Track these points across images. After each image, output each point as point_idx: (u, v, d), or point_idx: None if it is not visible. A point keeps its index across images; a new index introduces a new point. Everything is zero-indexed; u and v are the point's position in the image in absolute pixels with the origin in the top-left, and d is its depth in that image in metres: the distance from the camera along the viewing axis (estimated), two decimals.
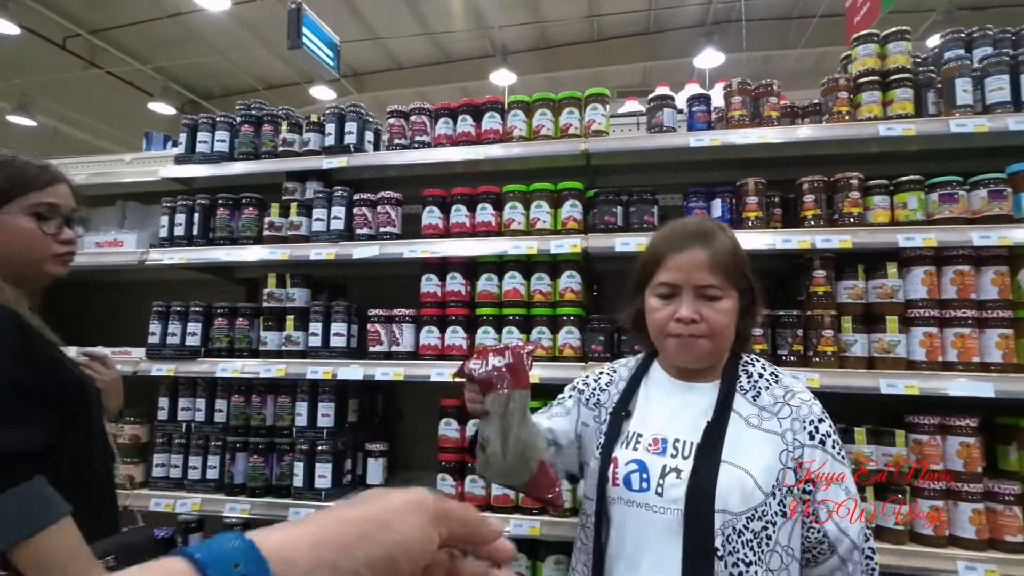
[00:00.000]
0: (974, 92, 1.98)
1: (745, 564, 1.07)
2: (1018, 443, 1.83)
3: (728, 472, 1.10)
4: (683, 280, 1.19)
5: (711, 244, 1.20)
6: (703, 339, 1.18)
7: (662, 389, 1.29)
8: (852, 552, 1.12)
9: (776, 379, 1.25)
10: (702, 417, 1.18)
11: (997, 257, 1.86)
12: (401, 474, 2.50)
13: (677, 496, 1.12)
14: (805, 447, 1.15)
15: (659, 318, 1.22)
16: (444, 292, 2.20)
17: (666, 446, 1.18)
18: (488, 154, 2.22)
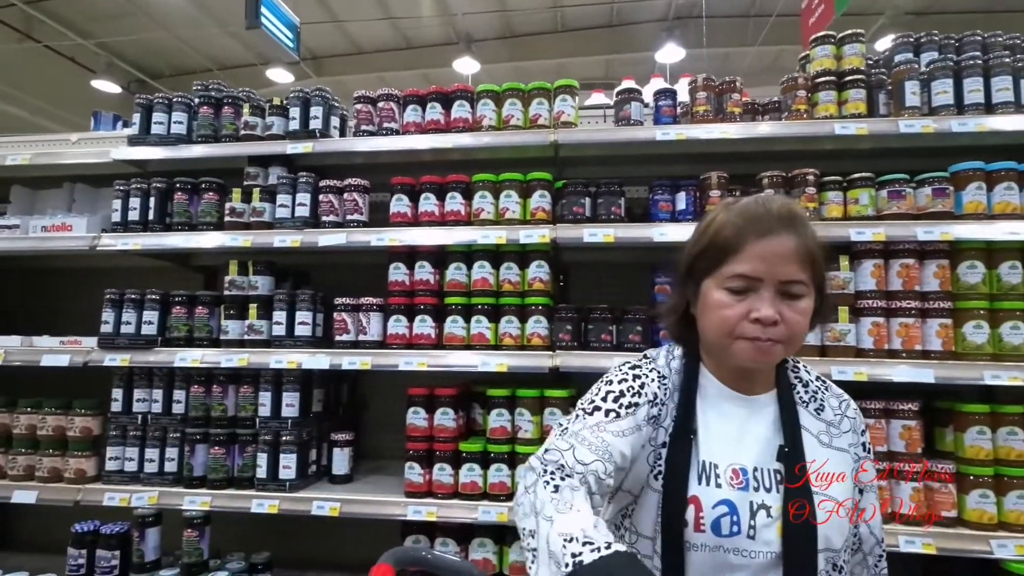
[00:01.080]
0: (921, 94, 2.09)
1: None
2: (954, 425, 1.96)
3: (824, 506, 0.99)
4: (766, 272, 0.98)
5: (803, 231, 1.00)
6: (779, 344, 0.99)
7: (722, 404, 1.09)
8: (874, 547, 1.11)
9: (827, 387, 1.14)
10: (771, 437, 1.05)
11: (939, 251, 1.97)
12: (367, 463, 2.48)
13: (771, 538, 0.98)
14: (862, 460, 1.09)
15: (729, 316, 1.00)
16: (412, 281, 2.19)
17: (747, 478, 1.01)
18: (458, 143, 2.21)
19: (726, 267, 1.01)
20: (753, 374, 1.07)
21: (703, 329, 1.07)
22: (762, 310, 0.97)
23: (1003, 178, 1.96)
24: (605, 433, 1.02)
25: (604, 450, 0.99)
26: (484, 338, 2.11)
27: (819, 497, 0.99)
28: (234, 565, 2.18)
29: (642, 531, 1.06)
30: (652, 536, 1.04)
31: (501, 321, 2.12)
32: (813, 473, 1.00)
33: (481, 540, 2.07)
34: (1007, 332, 1.91)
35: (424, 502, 2.04)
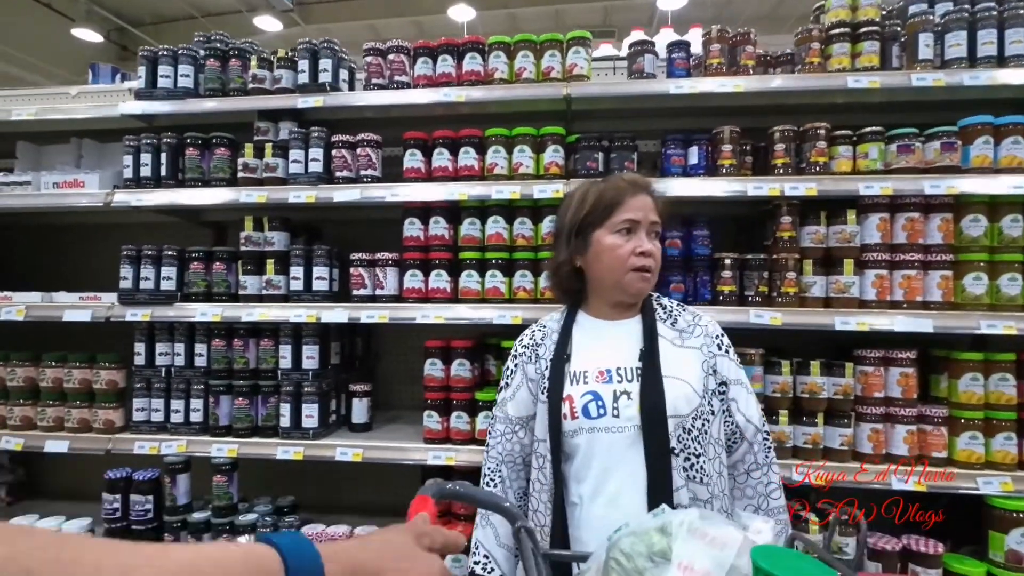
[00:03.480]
0: (935, 47, 2.09)
1: (695, 456, 1.29)
2: (948, 372, 2.05)
3: (671, 383, 1.30)
4: (643, 217, 1.37)
5: (653, 193, 1.43)
6: (651, 274, 1.37)
7: (593, 330, 1.44)
8: (756, 435, 1.39)
9: (684, 309, 1.48)
10: (635, 346, 1.36)
11: (944, 205, 2.02)
12: (383, 413, 2.58)
13: (632, 414, 1.29)
14: (717, 357, 1.39)
15: (622, 253, 1.36)
16: (427, 236, 2.23)
17: (611, 375, 1.34)
18: (470, 96, 2.20)
19: (614, 217, 1.37)
20: (628, 304, 1.42)
21: (598, 271, 1.41)
22: (644, 244, 1.35)
23: (1010, 132, 1.99)
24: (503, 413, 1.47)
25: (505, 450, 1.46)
26: (499, 292, 2.16)
27: (669, 379, 1.29)
28: (262, 508, 2.29)
29: (539, 436, 1.39)
30: (544, 437, 1.36)
31: (515, 275, 2.17)
32: (665, 363, 1.32)
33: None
34: (1005, 283, 1.98)
35: (443, 447, 2.13)
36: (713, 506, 1.29)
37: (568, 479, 1.35)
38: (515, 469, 1.48)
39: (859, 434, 2.04)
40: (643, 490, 1.25)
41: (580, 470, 1.33)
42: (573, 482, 1.34)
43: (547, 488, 1.38)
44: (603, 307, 1.46)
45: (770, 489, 1.39)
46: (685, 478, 1.27)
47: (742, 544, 0.63)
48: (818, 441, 2.05)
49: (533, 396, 1.44)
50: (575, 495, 1.33)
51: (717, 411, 1.36)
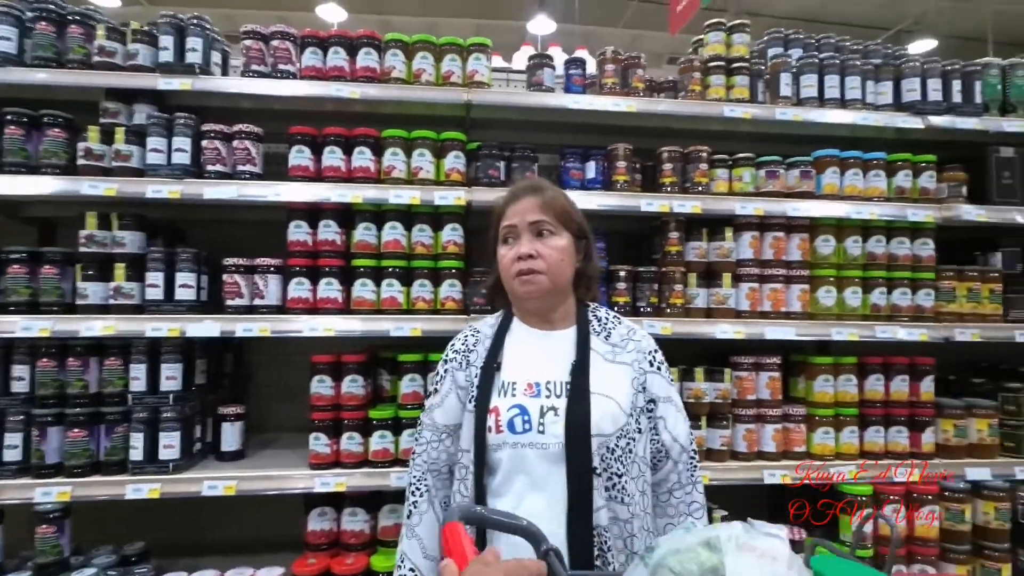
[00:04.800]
0: (793, 86, 2.36)
1: (617, 476, 1.26)
2: (805, 375, 2.30)
3: (598, 401, 1.26)
4: (520, 221, 1.35)
5: (541, 192, 1.38)
6: (541, 275, 1.32)
7: (525, 340, 1.40)
8: (681, 454, 1.38)
9: (619, 321, 1.45)
10: (566, 359, 1.33)
11: (802, 226, 2.28)
12: (259, 437, 2.30)
13: (558, 431, 1.24)
14: (648, 374, 1.37)
15: (505, 261, 1.36)
16: (316, 241, 2.04)
17: (540, 389, 1.30)
18: (365, 94, 2.06)
19: (500, 229, 1.39)
20: (548, 313, 1.40)
21: (503, 283, 1.40)
22: (522, 247, 1.33)
23: (852, 165, 2.30)
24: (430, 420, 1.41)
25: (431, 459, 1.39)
26: (396, 302, 2.03)
27: (596, 396, 1.27)
28: (103, 559, 1.91)
29: (463, 446, 1.34)
30: (469, 448, 1.31)
31: (414, 285, 2.06)
32: (594, 379, 1.29)
33: (392, 506, 2.03)
34: (848, 296, 2.27)
35: (332, 472, 1.94)
36: (633, 525, 1.27)
37: (488, 493, 1.29)
38: (440, 478, 1.41)
39: (736, 434, 2.21)
40: (563, 509, 1.22)
41: (501, 485, 1.28)
42: (493, 497, 1.29)
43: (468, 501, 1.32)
44: (527, 317, 1.43)
45: (692, 508, 1.39)
46: (606, 498, 1.24)
47: (790, 556, 0.63)
48: (702, 443, 2.18)
49: (462, 404, 1.38)
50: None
51: (644, 429, 1.33)
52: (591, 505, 1.21)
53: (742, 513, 2.25)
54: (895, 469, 2.17)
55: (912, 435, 2.25)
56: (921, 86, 2.35)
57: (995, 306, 2.31)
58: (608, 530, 1.23)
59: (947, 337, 2.23)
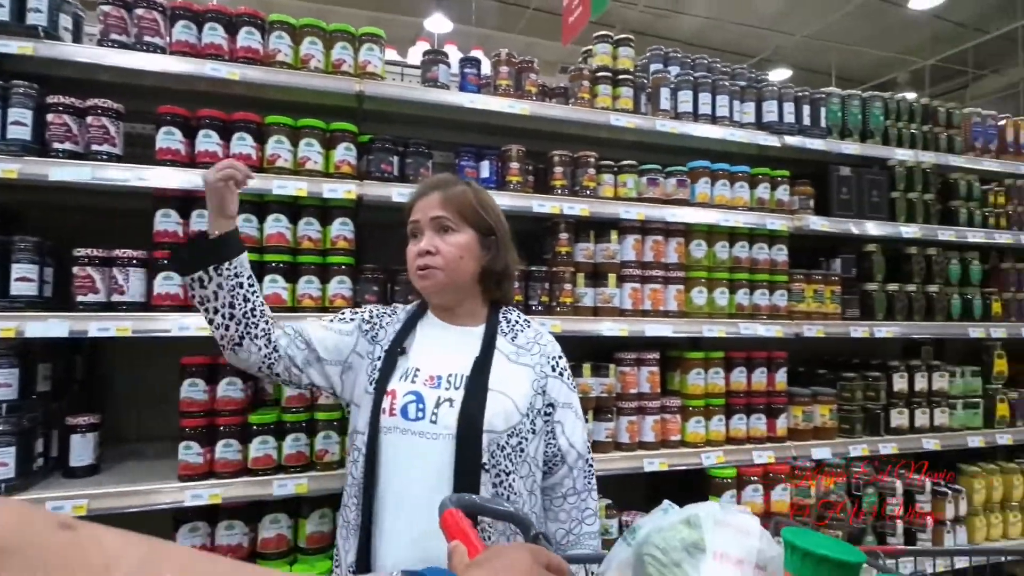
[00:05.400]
0: (671, 100, 2.54)
1: (505, 473, 1.28)
2: (680, 369, 2.49)
3: (494, 398, 1.29)
4: (422, 216, 1.37)
5: (446, 188, 1.40)
6: (437, 270, 1.33)
7: (435, 331, 1.42)
8: (577, 461, 1.40)
9: (528, 324, 1.48)
10: (471, 355, 1.35)
11: (679, 231, 2.45)
12: (117, 450, 2.06)
13: (450, 423, 1.26)
14: (549, 378, 1.40)
15: (409, 256, 1.39)
16: (189, 232, 1.87)
17: (440, 381, 1.32)
18: (246, 76, 1.93)
19: (408, 224, 1.41)
20: (453, 308, 1.42)
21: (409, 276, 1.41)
22: (421, 244, 1.35)
23: (720, 176, 2.52)
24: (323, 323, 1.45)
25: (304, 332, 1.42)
26: (280, 299, 1.92)
27: (494, 393, 1.29)
28: None
29: (359, 428, 1.35)
30: (364, 430, 1.32)
31: (300, 281, 1.95)
32: (494, 376, 1.31)
33: (274, 516, 1.91)
34: (717, 296, 2.48)
35: (206, 484, 1.79)
36: None
37: (377, 479, 1.29)
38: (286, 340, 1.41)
39: (619, 426, 2.33)
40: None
41: (388, 471, 1.28)
42: (381, 483, 1.29)
43: (357, 483, 1.31)
44: (436, 311, 1.45)
45: (585, 515, 1.41)
46: (493, 494, 1.26)
47: (762, 531, 0.69)
48: (589, 436, 2.28)
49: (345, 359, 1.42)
50: (380, 497, 1.28)
51: (539, 431, 1.36)
52: None
53: (625, 501, 2.38)
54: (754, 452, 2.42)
55: (769, 421, 2.51)
56: (778, 108, 2.64)
57: (835, 306, 2.64)
58: (492, 525, 1.25)
59: (797, 333, 2.52)
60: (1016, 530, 2.76)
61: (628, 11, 9.60)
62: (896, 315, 2.70)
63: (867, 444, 2.59)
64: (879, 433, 2.66)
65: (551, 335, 1.50)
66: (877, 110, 2.80)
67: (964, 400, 2.80)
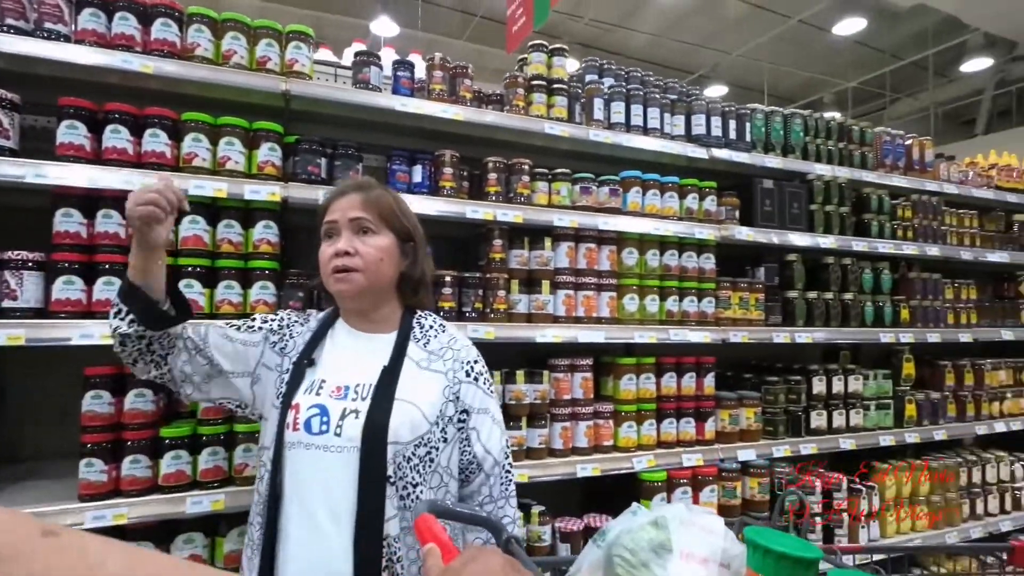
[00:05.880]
0: (604, 111, 2.59)
1: (412, 486, 1.23)
2: (613, 375, 2.52)
3: (400, 408, 1.25)
4: (340, 217, 1.33)
5: (367, 190, 1.38)
6: (357, 272, 1.30)
7: (345, 340, 1.39)
8: (494, 468, 1.36)
9: (444, 329, 1.44)
10: (382, 363, 1.31)
11: (611, 239, 2.49)
12: (9, 469, 1.89)
13: (354, 435, 1.22)
14: (463, 383, 1.36)
15: (323, 258, 1.34)
16: (93, 233, 1.74)
17: (347, 392, 1.27)
18: (161, 69, 1.83)
19: (323, 225, 1.37)
20: (369, 313, 1.39)
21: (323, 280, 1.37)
22: (340, 243, 1.31)
23: (651, 186, 2.58)
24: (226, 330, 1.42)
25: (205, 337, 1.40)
26: (198, 305, 1.81)
27: (400, 403, 1.25)
28: None
29: (265, 443, 1.31)
30: (269, 446, 1.28)
31: (219, 286, 1.86)
32: (403, 385, 1.28)
33: (188, 536, 1.80)
34: (648, 303, 2.53)
35: (110, 504, 1.67)
36: None
37: (281, 493, 1.24)
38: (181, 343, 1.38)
39: (553, 433, 2.34)
40: (351, 516, 1.19)
41: (293, 488, 1.24)
42: (285, 500, 1.24)
43: (263, 501, 1.26)
44: (349, 317, 1.42)
45: (504, 523, 1.39)
46: (399, 507, 1.22)
47: (725, 530, 0.72)
48: (522, 442, 2.27)
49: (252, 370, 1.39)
50: (284, 515, 1.24)
51: (451, 439, 1.32)
52: (382, 513, 1.19)
53: (560, 507, 2.39)
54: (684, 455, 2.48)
55: (698, 425, 2.58)
56: (706, 122, 2.73)
57: (760, 313, 2.74)
58: (399, 540, 1.21)
59: (724, 339, 2.60)
60: (923, 524, 2.94)
61: (575, 24, 9.80)
62: (815, 321, 2.84)
63: (789, 445, 2.70)
64: (800, 434, 2.78)
65: (468, 340, 1.46)
66: (798, 127, 2.95)
67: (877, 401, 2.97)
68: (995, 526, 3.07)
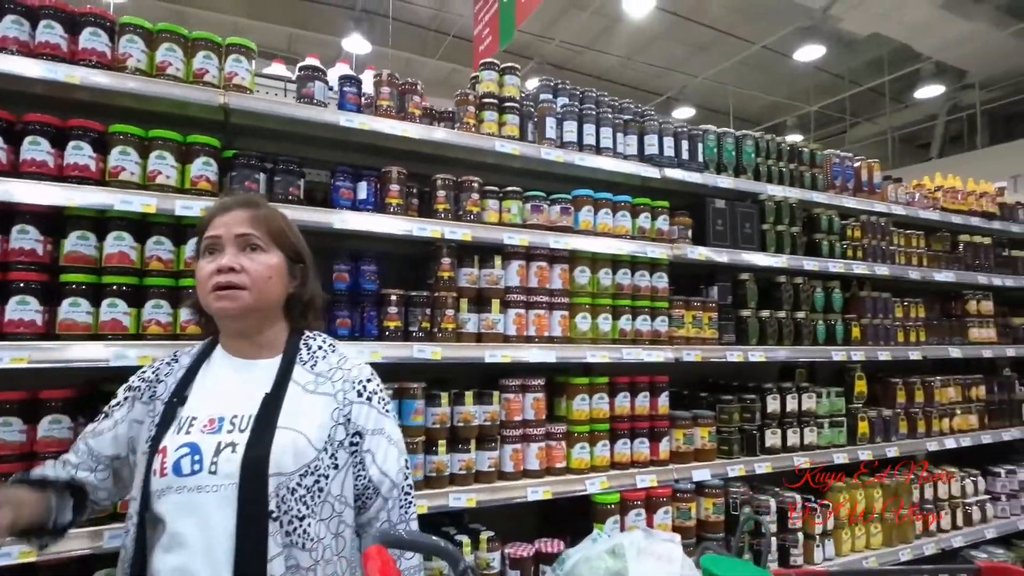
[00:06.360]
0: (557, 129, 2.59)
1: (299, 519, 1.15)
2: (566, 395, 2.48)
3: (282, 436, 1.17)
4: (225, 232, 1.24)
5: (256, 207, 1.31)
6: (243, 290, 1.22)
7: (222, 370, 1.29)
8: (392, 491, 1.28)
9: (333, 349, 1.37)
10: (263, 391, 1.22)
11: (563, 257, 2.47)
12: None
13: (231, 470, 1.13)
14: (354, 404, 1.28)
15: (203, 274, 1.23)
16: (7, 250, 1.65)
17: (223, 424, 1.18)
18: (89, 80, 1.76)
19: (202, 240, 1.28)
20: (253, 336, 1.29)
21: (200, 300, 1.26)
22: (223, 260, 1.22)
23: (603, 205, 2.57)
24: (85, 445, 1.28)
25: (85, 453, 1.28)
26: (121, 326, 1.73)
27: (283, 431, 1.17)
28: None
29: (133, 493, 1.21)
30: (137, 495, 1.18)
31: (147, 305, 1.78)
32: (286, 412, 1.20)
33: (109, 571, 1.69)
34: (601, 322, 2.51)
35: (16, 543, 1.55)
36: (317, 572, 1.16)
37: (151, 549, 1.15)
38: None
39: (504, 455, 2.28)
40: (230, 560, 1.09)
41: (162, 538, 1.13)
42: (158, 552, 1.14)
43: (128, 558, 1.16)
44: (230, 341, 1.31)
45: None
46: (284, 544, 1.13)
47: (683, 558, 0.72)
48: (471, 466, 2.21)
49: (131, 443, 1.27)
50: (154, 567, 1.14)
51: (343, 465, 1.24)
52: (264, 554, 1.11)
53: (512, 532, 2.32)
54: (638, 476, 2.44)
55: (652, 445, 2.55)
56: (659, 142, 2.75)
57: (713, 331, 2.74)
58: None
59: (677, 358, 2.59)
60: (877, 540, 2.95)
61: (546, 45, 9.94)
62: (768, 339, 2.85)
63: (744, 464, 2.69)
64: (755, 453, 2.77)
65: (361, 360, 1.39)
66: (749, 148, 2.99)
67: (830, 419, 2.99)
68: (947, 542, 3.09)
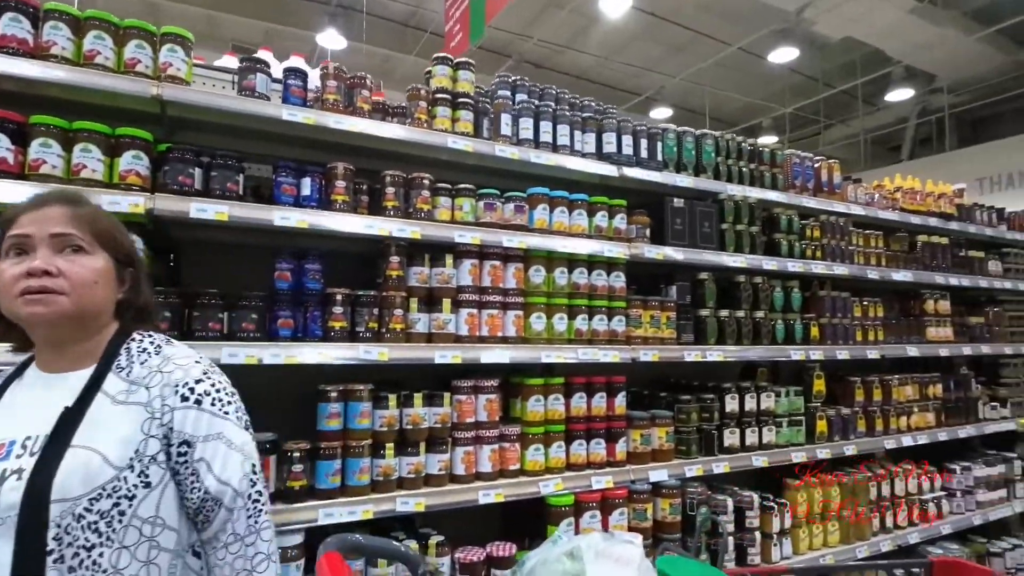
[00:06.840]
0: (513, 127, 2.54)
1: (87, 549, 1.01)
2: (521, 396, 2.44)
3: (72, 456, 1.03)
4: (37, 231, 1.09)
5: (77, 205, 1.17)
6: (61, 295, 1.07)
7: (25, 388, 1.16)
8: (236, 499, 1.15)
9: (158, 351, 1.20)
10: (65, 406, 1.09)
11: (517, 256, 2.43)
12: None
13: (14, 501, 0.99)
14: (175, 410, 1.13)
15: (8, 278, 1.07)
16: None
17: (12, 448, 1.05)
18: (9, 70, 1.68)
19: (6, 240, 1.11)
20: (69, 347, 1.14)
21: (3, 307, 1.11)
22: (35, 263, 1.07)
23: (559, 203, 2.54)
24: None
25: None
26: None
27: (75, 450, 1.03)
28: None
29: None
30: None
31: None
32: (85, 428, 1.06)
33: None
34: (556, 322, 2.48)
35: None
36: None
37: None
38: None
39: (455, 458, 2.24)
40: None
41: None
42: None
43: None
44: (43, 355, 1.17)
45: (256, 562, 1.16)
46: None
47: (641, 560, 0.73)
48: (420, 469, 2.16)
49: None
50: None
51: (158, 483, 1.10)
52: None
53: (465, 536, 2.28)
54: (593, 478, 2.41)
55: (608, 446, 2.52)
56: (617, 140, 2.72)
57: (671, 331, 2.73)
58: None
59: (634, 358, 2.57)
60: (835, 538, 2.96)
61: (524, 44, 9.89)
62: (727, 339, 2.84)
63: (702, 464, 2.68)
64: (713, 453, 2.76)
65: (194, 358, 1.21)
66: (709, 147, 2.98)
67: (789, 418, 2.99)
68: (904, 539, 3.12)
